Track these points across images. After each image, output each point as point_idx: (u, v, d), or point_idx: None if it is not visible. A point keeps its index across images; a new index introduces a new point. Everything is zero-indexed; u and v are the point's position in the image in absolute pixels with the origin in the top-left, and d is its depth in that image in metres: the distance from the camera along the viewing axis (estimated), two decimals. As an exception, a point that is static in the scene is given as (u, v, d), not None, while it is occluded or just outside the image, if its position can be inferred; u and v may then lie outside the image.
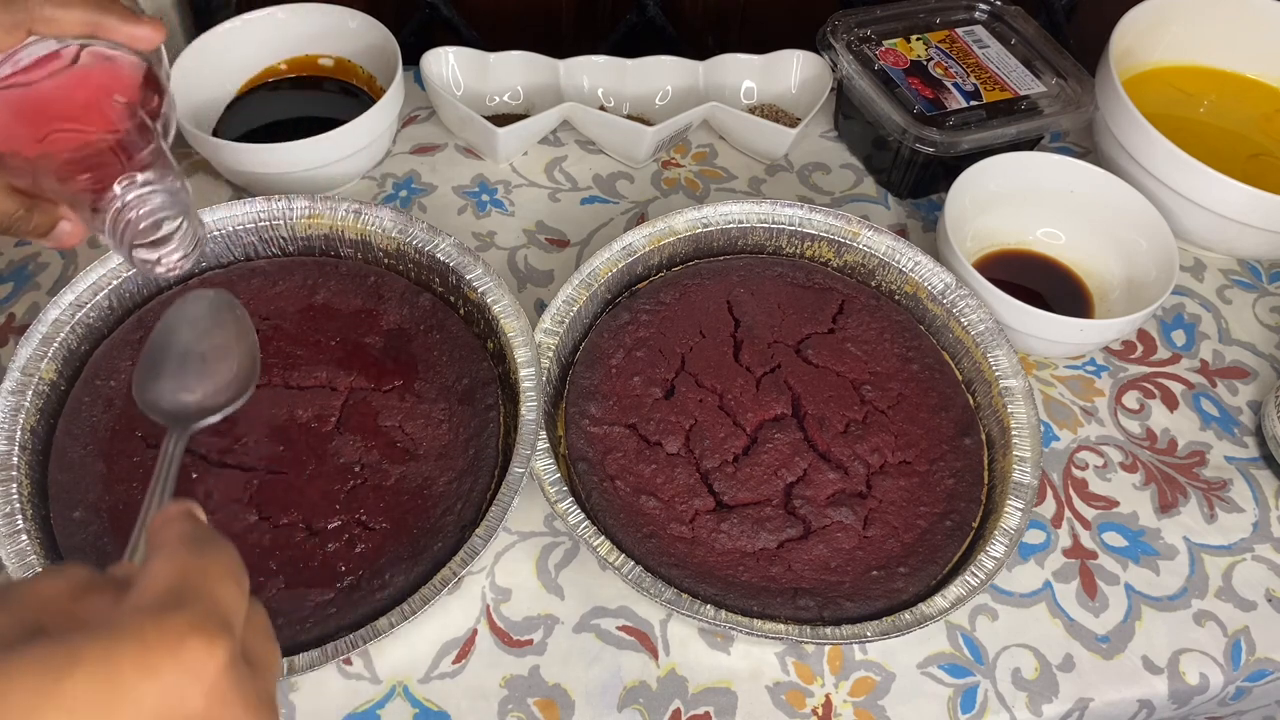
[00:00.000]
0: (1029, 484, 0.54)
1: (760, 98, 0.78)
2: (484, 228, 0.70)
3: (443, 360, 0.57)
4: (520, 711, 0.51)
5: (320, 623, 0.48)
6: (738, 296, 0.61)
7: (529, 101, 0.76)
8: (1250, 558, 0.59)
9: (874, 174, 0.76)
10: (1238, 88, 0.80)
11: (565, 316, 0.58)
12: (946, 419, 0.58)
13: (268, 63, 0.73)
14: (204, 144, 0.65)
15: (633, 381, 0.57)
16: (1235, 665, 0.55)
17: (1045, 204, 0.70)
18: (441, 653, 0.52)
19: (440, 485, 0.53)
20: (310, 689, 0.50)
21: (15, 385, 0.52)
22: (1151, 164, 0.68)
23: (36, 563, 0.47)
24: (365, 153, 0.68)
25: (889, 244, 0.63)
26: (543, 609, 0.54)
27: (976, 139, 0.68)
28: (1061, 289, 0.69)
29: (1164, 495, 0.62)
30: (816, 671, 0.53)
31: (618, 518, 0.53)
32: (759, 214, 0.64)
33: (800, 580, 0.52)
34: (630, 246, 0.61)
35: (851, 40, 0.74)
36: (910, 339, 0.61)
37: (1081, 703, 0.54)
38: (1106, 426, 0.64)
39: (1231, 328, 0.70)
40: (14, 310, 0.63)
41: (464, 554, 0.49)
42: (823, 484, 0.54)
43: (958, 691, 0.53)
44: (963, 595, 0.50)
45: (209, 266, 0.60)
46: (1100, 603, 0.57)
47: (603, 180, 0.74)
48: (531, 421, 0.52)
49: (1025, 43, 0.76)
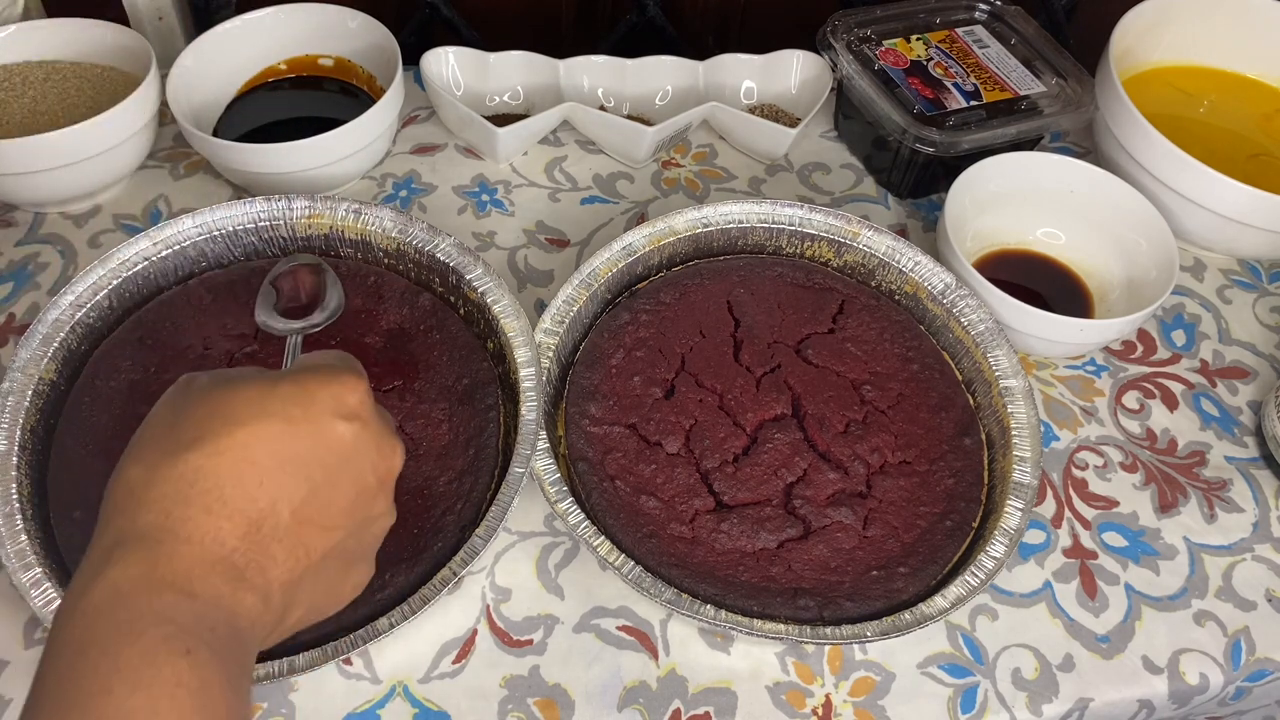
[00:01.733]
0: (1029, 484, 0.54)
1: (760, 98, 0.78)
2: (484, 228, 0.70)
3: (443, 360, 0.57)
4: (520, 711, 0.51)
5: (320, 623, 0.48)
6: (738, 296, 0.61)
7: (529, 101, 0.76)
8: (1250, 558, 0.59)
9: (874, 174, 0.76)
10: (1238, 88, 0.80)
11: (565, 316, 0.58)
12: (946, 419, 0.58)
13: (268, 63, 0.73)
14: (204, 144, 0.65)
15: (633, 381, 0.57)
16: (1235, 665, 0.55)
17: (1045, 204, 0.70)
18: (441, 653, 0.52)
19: (440, 485, 0.53)
20: (310, 689, 0.50)
21: (15, 385, 0.52)
22: (1151, 164, 0.68)
23: (36, 563, 0.47)
24: (365, 153, 0.68)
25: (889, 244, 0.63)
26: (543, 609, 0.54)
27: (976, 139, 0.68)
28: (1061, 289, 0.69)
29: (1164, 495, 0.62)
30: (816, 671, 0.53)
31: (618, 518, 0.53)
32: (759, 214, 0.64)
33: (800, 580, 0.52)
34: (630, 246, 0.61)
35: (851, 40, 0.74)
36: (910, 339, 0.61)
37: (1081, 703, 0.54)
38: (1106, 426, 0.64)
39: (1231, 328, 0.70)
40: (14, 310, 0.63)
41: (464, 554, 0.49)
42: (823, 484, 0.54)
43: (958, 691, 0.53)
44: (963, 595, 0.50)
45: (209, 266, 0.60)
46: (1100, 603, 0.57)
47: (603, 180, 0.74)
48: (531, 421, 0.52)
49: (1025, 43, 0.76)
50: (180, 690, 0.29)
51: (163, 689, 0.29)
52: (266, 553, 0.34)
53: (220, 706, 0.30)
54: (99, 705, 0.28)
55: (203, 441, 0.34)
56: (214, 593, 0.32)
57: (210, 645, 0.30)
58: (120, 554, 0.32)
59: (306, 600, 0.36)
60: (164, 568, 0.31)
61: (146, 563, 0.31)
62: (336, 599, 0.39)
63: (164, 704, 0.28)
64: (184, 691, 0.29)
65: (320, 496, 0.36)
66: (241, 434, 0.34)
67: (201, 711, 0.29)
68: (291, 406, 0.35)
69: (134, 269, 0.57)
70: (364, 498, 0.38)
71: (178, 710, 0.28)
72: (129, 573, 0.31)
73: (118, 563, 0.31)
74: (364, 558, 0.40)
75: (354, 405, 0.37)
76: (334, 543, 0.36)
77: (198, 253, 0.59)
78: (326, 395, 0.37)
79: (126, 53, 0.68)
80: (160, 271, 0.58)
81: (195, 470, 0.33)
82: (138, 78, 0.66)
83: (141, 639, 0.29)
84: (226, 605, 0.32)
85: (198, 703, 0.29)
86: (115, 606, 0.30)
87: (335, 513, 0.36)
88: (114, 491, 0.34)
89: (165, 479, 0.33)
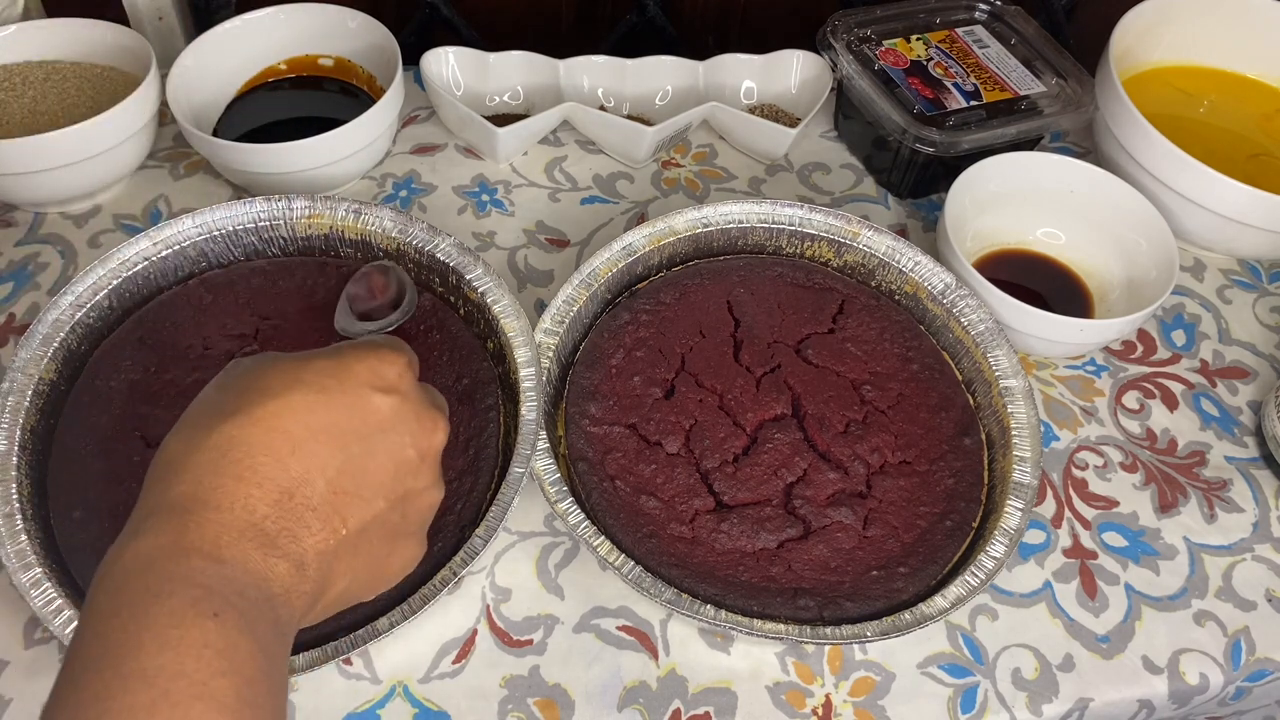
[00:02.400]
0: (1029, 484, 0.54)
1: (760, 98, 0.78)
2: (484, 228, 0.70)
3: (443, 360, 0.57)
4: (520, 711, 0.51)
5: (320, 622, 0.48)
6: (738, 296, 0.61)
7: (529, 101, 0.76)
8: (1250, 558, 0.59)
9: (874, 174, 0.76)
10: (1238, 88, 0.80)
11: (565, 316, 0.58)
12: (946, 419, 0.58)
13: (268, 63, 0.73)
14: (204, 144, 0.65)
15: (633, 381, 0.57)
16: (1235, 665, 0.55)
17: (1045, 204, 0.70)
18: (441, 653, 0.52)
19: (440, 485, 0.53)
20: (310, 689, 0.50)
21: (15, 385, 0.52)
22: (1151, 164, 0.68)
23: (36, 563, 0.47)
24: (365, 153, 0.68)
25: (889, 244, 0.63)
26: (543, 609, 0.54)
27: (976, 139, 0.68)
28: (1061, 289, 0.69)
29: (1164, 495, 0.62)
30: (816, 671, 0.53)
31: (618, 518, 0.53)
32: (759, 214, 0.64)
33: (800, 580, 0.52)
34: (630, 246, 0.61)
35: (851, 40, 0.74)
36: (910, 339, 0.61)
37: (1081, 703, 0.54)
38: (1106, 426, 0.64)
39: (1231, 328, 0.70)
40: (14, 310, 0.63)
41: (464, 554, 0.49)
42: (823, 484, 0.54)
43: (958, 691, 0.53)
44: (963, 595, 0.50)
45: (209, 266, 0.60)
46: (1100, 603, 0.57)
47: (603, 180, 0.74)
48: (531, 421, 0.52)
49: (1025, 43, 0.76)
50: (207, 651, 0.29)
51: (189, 649, 0.29)
52: (300, 521, 0.34)
53: (249, 668, 0.30)
54: (129, 665, 0.28)
55: (238, 413, 0.34)
56: (244, 558, 0.32)
57: (239, 609, 0.31)
58: (153, 523, 0.32)
59: (347, 572, 0.36)
60: (193, 534, 0.32)
61: (176, 530, 0.32)
62: (382, 574, 0.39)
63: (190, 664, 0.29)
64: (211, 652, 0.29)
65: (357, 467, 0.36)
66: (274, 404, 0.35)
67: (229, 673, 0.29)
68: (326, 378, 0.36)
69: (134, 269, 0.57)
70: (404, 470, 0.38)
71: (205, 670, 0.29)
72: (159, 540, 0.32)
73: (149, 532, 0.32)
74: (411, 534, 0.40)
75: (392, 378, 0.38)
76: (374, 514, 0.37)
77: (198, 253, 0.59)
78: (363, 368, 0.38)
79: (126, 53, 0.68)
80: (160, 271, 0.58)
81: (228, 440, 0.34)
82: (138, 78, 0.66)
83: (169, 601, 0.30)
84: (257, 571, 0.32)
85: (225, 664, 0.29)
86: (145, 572, 0.31)
87: (374, 484, 0.37)
88: (154, 467, 0.35)
89: (200, 449, 0.34)
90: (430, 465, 0.40)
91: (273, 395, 0.35)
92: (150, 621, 0.29)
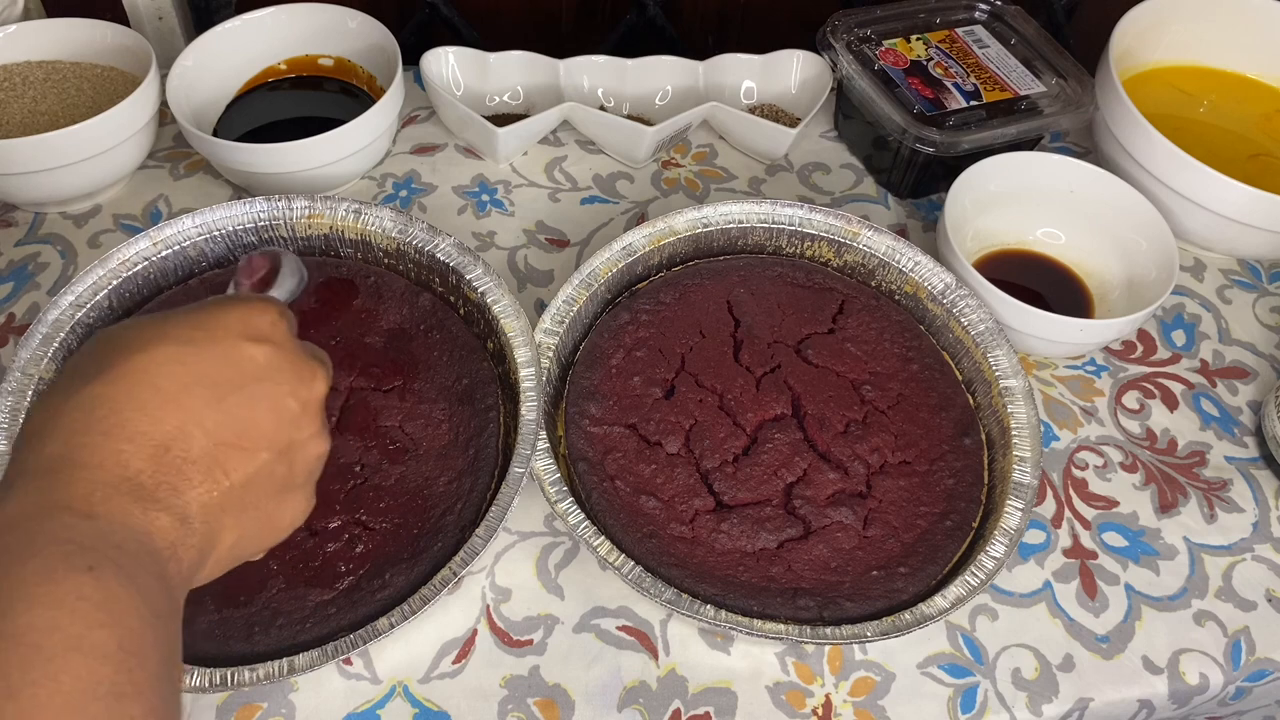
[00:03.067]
0: (1029, 484, 0.54)
1: (760, 98, 0.78)
2: (484, 228, 0.70)
3: (442, 360, 0.57)
4: (520, 711, 0.51)
5: (320, 623, 0.48)
6: (738, 296, 0.61)
7: (529, 101, 0.76)
8: (1250, 558, 0.59)
9: (874, 174, 0.76)
10: (1238, 88, 0.80)
11: (565, 316, 0.58)
12: (946, 419, 0.58)
13: (268, 63, 0.73)
14: (204, 144, 0.65)
15: (633, 381, 0.57)
16: (1235, 665, 0.55)
17: (1045, 204, 0.70)
18: (441, 653, 0.52)
19: (440, 485, 0.53)
20: (310, 689, 0.50)
21: (15, 385, 0.52)
22: (1151, 164, 0.68)
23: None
24: (365, 153, 0.68)
25: (889, 244, 0.63)
26: (543, 609, 0.54)
27: (976, 139, 0.68)
28: (1061, 289, 0.69)
29: (1164, 495, 0.62)
30: (816, 671, 0.53)
31: (618, 518, 0.53)
32: (759, 214, 0.64)
33: (800, 580, 0.52)
34: (630, 246, 0.61)
35: (851, 40, 0.74)
36: (910, 339, 0.61)
37: (1081, 703, 0.54)
38: (1106, 426, 0.64)
39: (1231, 328, 0.70)
40: (14, 310, 0.63)
41: (464, 554, 0.49)
42: (823, 484, 0.54)
43: (958, 691, 0.53)
44: (963, 595, 0.50)
45: (209, 266, 0.60)
46: (1100, 603, 0.57)
47: (603, 180, 0.74)
48: (531, 421, 0.52)
49: (1025, 43, 0.76)
50: (83, 603, 0.28)
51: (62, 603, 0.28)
52: (180, 474, 0.33)
53: (131, 619, 0.29)
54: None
55: (101, 373, 0.34)
56: (119, 512, 0.31)
57: (116, 562, 0.30)
58: (20, 485, 0.31)
59: (236, 526, 0.36)
60: (60, 492, 0.31)
61: (42, 491, 0.31)
62: (272, 528, 0.39)
63: (64, 618, 0.28)
64: (87, 605, 0.28)
65: (236, 417, 0.35)
66: (139, 358, 0.34)
67: (109, 625, 0.28)
68: (193, 330, 0.36)
69: (134, 269, 0.57)
70: (286, 420, 0.37)
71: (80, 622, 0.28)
72: (25, 502, 0.31)
73: (15, 495, 0.31)
74: (299, 486, 0.39)
75: (264, 328, 0.37)
76: (258, 466, 0.36)
77: (198, 253, 0.59)
78: (232, 318, 0.37)
79: (126, 53, 0.68)
80: (160, 271, 0.58)
81: (93, 398, 0.33)
82: (138, 78, 0.66)
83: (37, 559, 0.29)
84: (137, 525, 0.32)
85: (104, 615, 0.28)
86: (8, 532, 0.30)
87: (255, 435, 0.36)
88: (19, 436, 0.34)
89: (64, 411, 0.33)
90: (313, 415, 0.39)
91: (136, 350, 0.34)
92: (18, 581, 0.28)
